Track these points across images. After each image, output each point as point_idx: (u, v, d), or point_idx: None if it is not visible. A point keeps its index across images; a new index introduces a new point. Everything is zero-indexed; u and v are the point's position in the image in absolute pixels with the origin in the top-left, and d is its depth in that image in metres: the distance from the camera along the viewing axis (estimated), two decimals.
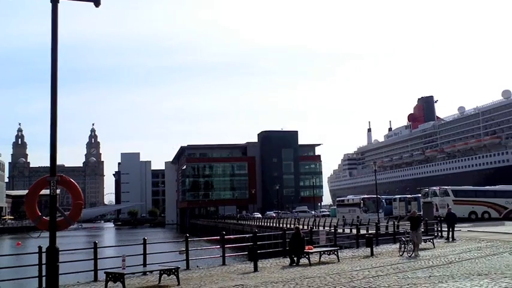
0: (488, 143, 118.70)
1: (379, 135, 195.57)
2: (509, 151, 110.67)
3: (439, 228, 32.85)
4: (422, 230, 21.82)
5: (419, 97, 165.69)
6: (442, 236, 31.48)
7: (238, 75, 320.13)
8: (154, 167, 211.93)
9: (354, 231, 32.22)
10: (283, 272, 18.83)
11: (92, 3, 13.14)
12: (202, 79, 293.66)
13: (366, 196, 57.61)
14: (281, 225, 53.44)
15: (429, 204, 40.72)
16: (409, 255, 21.67)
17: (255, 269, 19.36)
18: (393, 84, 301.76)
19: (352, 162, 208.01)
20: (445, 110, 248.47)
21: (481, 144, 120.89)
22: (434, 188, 55.13)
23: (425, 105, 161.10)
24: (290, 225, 48.40)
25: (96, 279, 17.79)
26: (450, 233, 29.79)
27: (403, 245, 22.63)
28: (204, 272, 19.62)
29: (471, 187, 58.65)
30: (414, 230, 22.24)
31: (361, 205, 56.05)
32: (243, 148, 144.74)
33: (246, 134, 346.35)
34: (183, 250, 21.33)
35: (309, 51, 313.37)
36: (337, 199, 70.54)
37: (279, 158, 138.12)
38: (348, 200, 65.00)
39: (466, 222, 44.78)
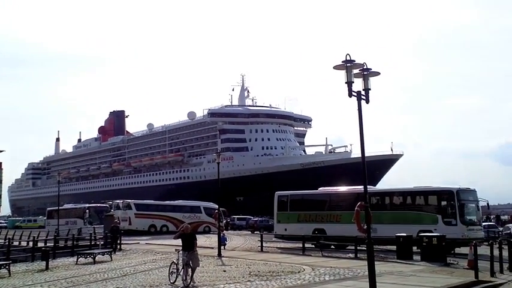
0: (172, 159, 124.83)
1: (69, 146, 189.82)
2: (190, 168, 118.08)
3: (119, 241, 33.40)
4: (197, 250, 17.36)
5: (111, 110, 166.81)
6: (120, 249, 32.05)
7: None
8: None
9: (31, 244, 30.92)
10: None
11: None
12: None
13: (92, 205, 51.33)
14: None
15: (111, 217, 40.94)
16: (186, 284, 16.17)
17: None
18: (87, 94, 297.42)
19: (37, 171, 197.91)
20: (136, 125, 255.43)
21: (166, 161, 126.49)
22: (118, 201, 55.69)
23: (117, 119, 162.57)
24: None
25: None
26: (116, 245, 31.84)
27: (174, 270, 17.03)
28: None
29: (152, 201, 60.52)
30: (189, 251, 16.79)
31: (86, 215, 49.43)
32: None
33: None
34: None
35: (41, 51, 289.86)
36: (48, 209, 61.72)
37: None
38: (66, 209, 58.19)
39: (145, 235, 46.33)
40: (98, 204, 57.04)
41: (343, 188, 34.53)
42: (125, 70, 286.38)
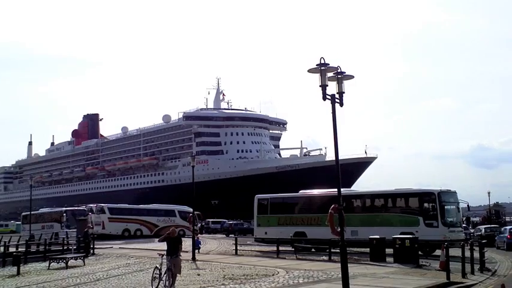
0: (146, 163, 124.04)
1: (42, 150, 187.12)
2: (165, 172, 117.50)
3: (92, 246, 33.02)
4: (181, 255, 17.20)
5: (85, 114, 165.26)
6: (93, 254, 31.71)
7: None
8: None
9: (2, 249, 30.52)
10: None
11: None
12: None
13: (69, 209, 50.19)
14: None
15: (84, 221, 40.50)
16: None
17: None
18: (61, 97, 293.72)
19: (9, 175, 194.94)
20: (110, 129, 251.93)
21: (140, 164, 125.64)
22: (91, 205, 55.13)
23: (90, 123, 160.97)
24: None
25: None
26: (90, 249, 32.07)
27: (157, 275, 16.44)
28: None
29: (126, 205, 59.97)
30: (173, 256, 16.34)
31: (64, 219, 47.86)
32: None
33: None
34: None
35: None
36: (23, 214, 60.05)
37: None
38: (43, 213, 56.71)
39: (119, 240, 45.91)
40: (76, 208, 55.85)
41: (323, 191, 34.31)
42: (100, 73, 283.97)
